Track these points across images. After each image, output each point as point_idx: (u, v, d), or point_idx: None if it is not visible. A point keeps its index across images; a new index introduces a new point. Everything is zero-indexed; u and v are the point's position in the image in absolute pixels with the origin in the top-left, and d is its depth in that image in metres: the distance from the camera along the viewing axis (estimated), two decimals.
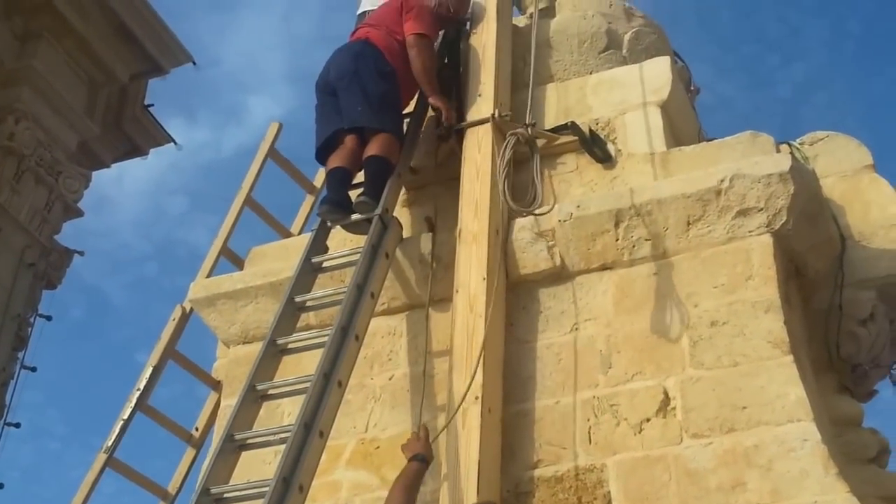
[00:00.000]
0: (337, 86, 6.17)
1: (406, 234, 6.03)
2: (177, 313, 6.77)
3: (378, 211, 5.73)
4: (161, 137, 13.61)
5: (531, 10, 7.40)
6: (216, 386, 6.55)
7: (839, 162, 6.06)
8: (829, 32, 27.67)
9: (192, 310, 6.63)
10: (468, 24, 6.74)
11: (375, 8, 6.91)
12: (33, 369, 12.10)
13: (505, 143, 5.76)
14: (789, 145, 6.04)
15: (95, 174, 12.89)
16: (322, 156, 6.18)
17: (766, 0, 27.13)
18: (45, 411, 26.93)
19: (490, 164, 5.87)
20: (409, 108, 6.50)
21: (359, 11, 7.13)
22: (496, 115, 6.05)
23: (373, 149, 5.93)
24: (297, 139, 8.12)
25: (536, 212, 5.58)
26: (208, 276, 6.72)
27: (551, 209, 5.59)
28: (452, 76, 6.54)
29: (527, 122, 5.87)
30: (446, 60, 6.67)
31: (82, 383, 29.84)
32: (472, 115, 6.17)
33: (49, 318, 12.21)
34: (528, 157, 5.80)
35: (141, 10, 12.37)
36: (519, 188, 5.82)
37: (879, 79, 27.62)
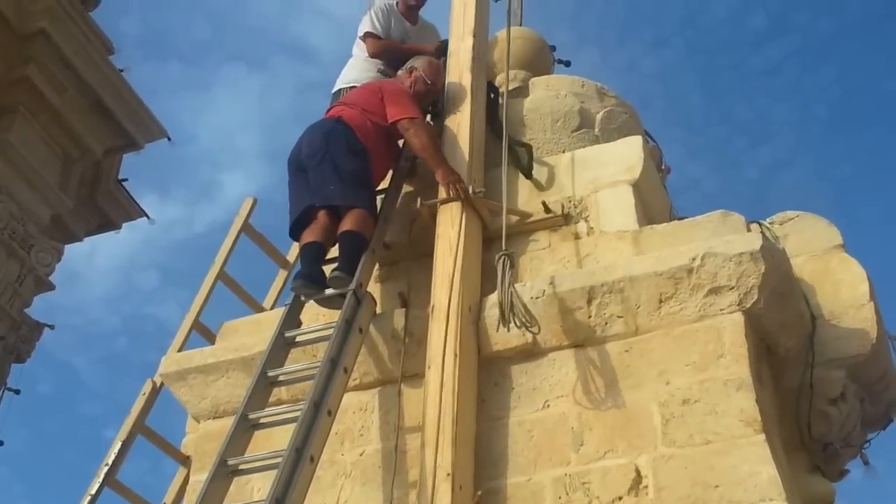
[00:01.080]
0: (307, 164, 6.21)
1: (379, 309, 6.03)
2: (147, 387, 6.73)
3: (352, 286, 5.74)
4: (134, 212, 13.59)
5: (504, 89, 7.52)
6: (185, 461, 6.48)
7: (809, 241, 6.12)
8: (796, 116, 28.13)
9: (162, 384, 6.59)
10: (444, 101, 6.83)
11: (349, 87, 7.00)
12: (0, 443, 11.96)
13: (502, 271, 5.60)
14: (760, 224, 6.09)
15: (67, 249, 12.84)
16: (295, 232, 6.22)
17: (735, 84, 27.62)
18: (10, 486, 26.47)
19: (463, 240, 5.90)
20: (383, 184, 6.56)
21: (334, 90, 7.22)
22: (470, 192, 6.09)
23: (347, 224, 5.96)
24: (271, 215, 8.16)
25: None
26: (180, 350, 6.69)
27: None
28: None
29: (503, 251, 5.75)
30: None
31: (50, 458, 29.42)
32: (446, 191, 6.21)
33: (17, 392, 12.09)
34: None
35: (117, 85, 12.43)
36: (490, 267, 5.85)
37: (846, 163, 28.07)
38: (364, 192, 6.18)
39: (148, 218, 13.76)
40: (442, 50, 7.18)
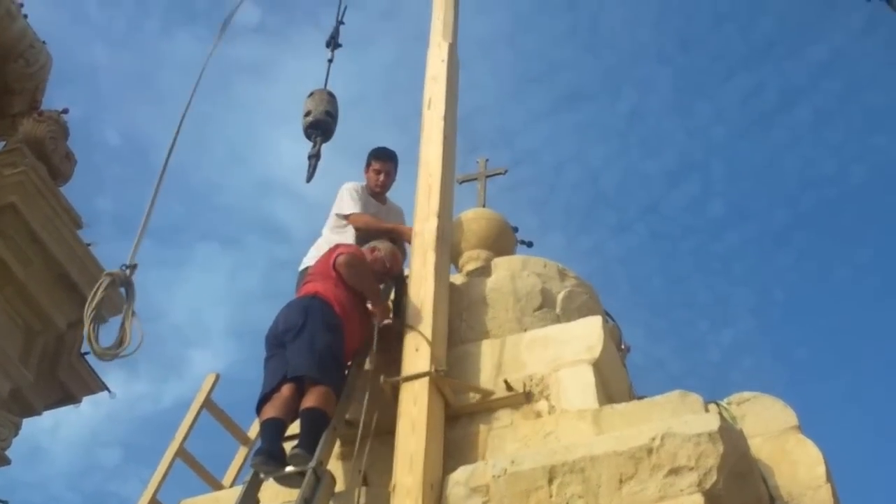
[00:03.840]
0: (285, 339, 6.30)
1: (339, 487, 5.98)
2: None
3: (312, 464, 5.71)
4: (95, 386, 13.43)
5: (468, 268, 7.68)
6: None
7: (766, 422, 6.17)
8: (756, 300, 28.76)
9: None
10: (407, 280, 6.96)
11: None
12: None
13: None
14: (717, 405, 6.16)
15: (30, 423, 12.65)
16: (262, 407, 6.21)
17: (695, 268, 28.31)
18: None
19: (426, 418, 5.93)
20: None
21: (301, 268, 7.33)
22: (433, 370, 6.15)
23: (310, 401, 5.98)
24: (237, 392, 8.16)
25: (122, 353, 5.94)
26: None
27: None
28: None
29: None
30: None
31: None
32: (409, 369, 6.27)
33: None
34: None
35: (84, 260, 12.47)
36: (452, 444, 5.85)
37: (803, 347, 28.60)
38: (332, 368, 6.23)
39: (109, 392, 13.62)
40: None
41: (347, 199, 7.59)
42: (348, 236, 7.38)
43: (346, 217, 7.49)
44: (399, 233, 7.42)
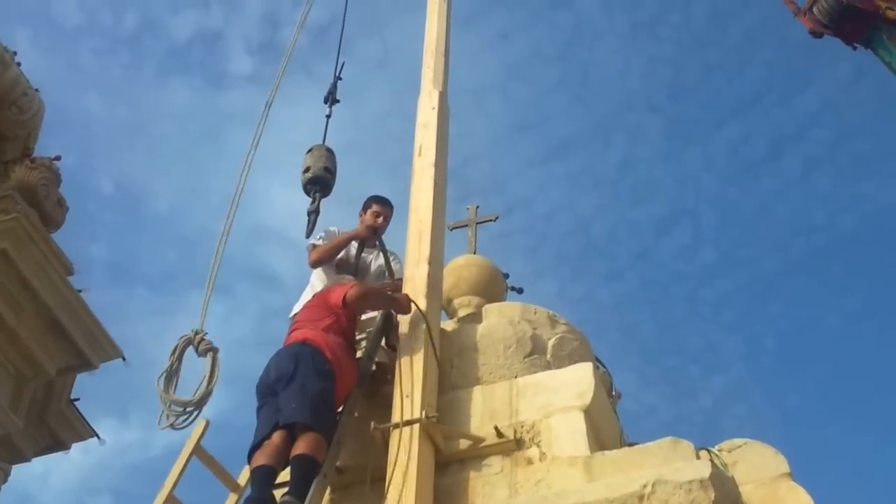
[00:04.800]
0: (277, 387, 6.30)
1: None
2: None
3: None
4: (85, 432, 13.38)
5: (459, 314, 7.69)
6: None
7: (757, 469, 6.16)
8: (746, 347, 28.88)
9: None
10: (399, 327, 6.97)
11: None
12: None
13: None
14: (709, 451, 6.15)
15: (19, 470, 12.58)
16: (253, 455, 6.19)
17: (686, 315, 28.41)
18: None
19: (416, 465, 5.91)
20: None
21: (291, 315, 7.34)
22: (424, 417, 6.14)
23: (300, 447, 5.96)
24: (227, 439, 8.12)
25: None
26: None
27: None
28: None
29: None
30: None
31: None
32: (399, 416, 6.26)
33: None
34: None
35: (74, 306, 12.46)
36: (442, 491, 5.83)
37: (794, 393, 28.70)
38: (323, 415, 6.22)
39: (98, 438, 13.56)
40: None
41: (319, 233, 7.68)
42: (335, 277, 7.44)
43: (311, 248, 7.59)
44: (358, 236, 7.71)
